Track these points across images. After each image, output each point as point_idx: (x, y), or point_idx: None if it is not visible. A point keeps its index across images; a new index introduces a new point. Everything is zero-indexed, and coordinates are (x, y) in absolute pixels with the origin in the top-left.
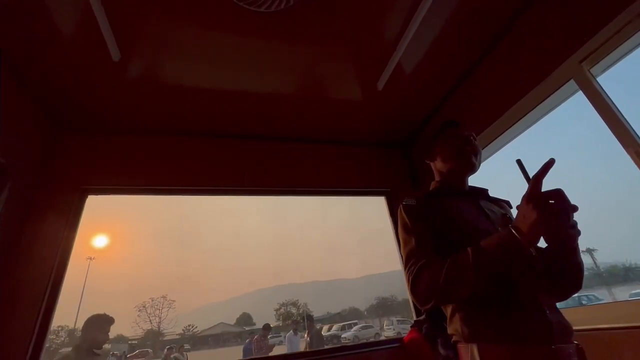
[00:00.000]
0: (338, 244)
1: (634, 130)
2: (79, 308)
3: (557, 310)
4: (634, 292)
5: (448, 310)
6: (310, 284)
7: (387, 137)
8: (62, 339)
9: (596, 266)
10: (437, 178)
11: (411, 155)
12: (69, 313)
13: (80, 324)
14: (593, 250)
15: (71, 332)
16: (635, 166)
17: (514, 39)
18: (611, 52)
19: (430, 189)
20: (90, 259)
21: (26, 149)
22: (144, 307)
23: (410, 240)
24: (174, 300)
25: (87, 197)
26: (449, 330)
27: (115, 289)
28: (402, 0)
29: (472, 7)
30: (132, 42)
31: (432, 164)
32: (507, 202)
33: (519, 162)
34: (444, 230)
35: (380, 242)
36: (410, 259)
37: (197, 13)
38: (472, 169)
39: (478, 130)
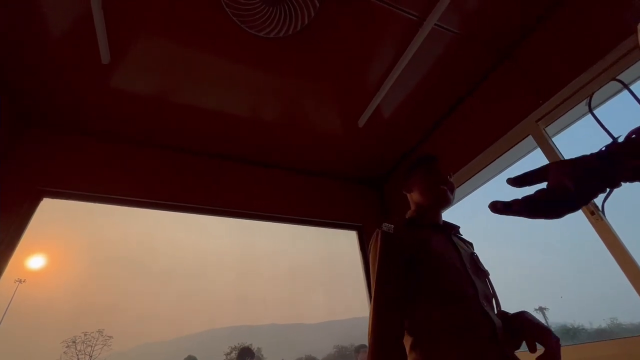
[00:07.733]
0: (304, 281)
1: None
2: None
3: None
4: None
5: (407, 344)
6: (268, 327)
7: (363, 173)
8: None
9: (547, 324)
10: (412, 208)
11: (384, 193)
12: None
13: None
14: (545, 309)
15: None
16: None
17: (481, 94)
18: (563, 115)
19: (407, 217)
20: (20, 281)
21: None
22: (73, 342)
23: (374, 271)
24: (111, 337)
25: (41, 199)
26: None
27: (44, 317)
28: (386, 51)
29: (448, 65)
30: (124, 48)
31: (408, 195)
32: (471, 244)
33: None
34: (420, 258)
35: (348, 283)
36: (374, 291)
37: (196, 30)
38: (449, 204)
39: None
